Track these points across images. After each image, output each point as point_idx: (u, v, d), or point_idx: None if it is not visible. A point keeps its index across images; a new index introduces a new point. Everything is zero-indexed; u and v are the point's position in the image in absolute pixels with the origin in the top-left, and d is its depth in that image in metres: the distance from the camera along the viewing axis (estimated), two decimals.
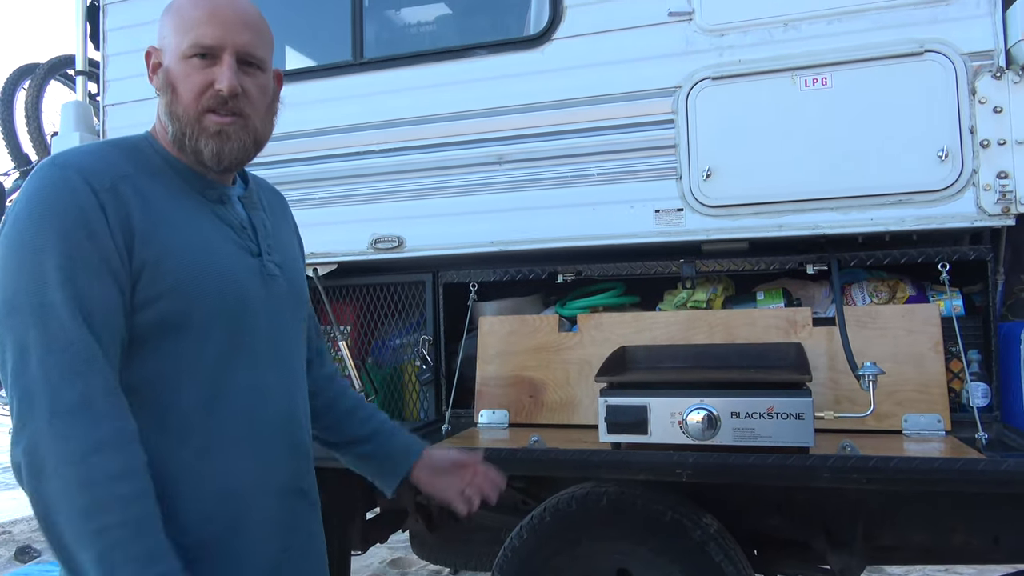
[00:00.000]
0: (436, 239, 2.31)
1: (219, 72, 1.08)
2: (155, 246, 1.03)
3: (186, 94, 1.09)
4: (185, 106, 1.09)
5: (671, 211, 2.10)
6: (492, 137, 2.25)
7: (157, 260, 1.03)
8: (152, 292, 1.02)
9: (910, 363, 1.93)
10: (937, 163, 1.89)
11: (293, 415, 1.20)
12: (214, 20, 1.09)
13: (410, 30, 2.71)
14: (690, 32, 2.08)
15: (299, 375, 1.25)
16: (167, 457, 1.03)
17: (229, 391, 1.09)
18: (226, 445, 1.08)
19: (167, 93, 1.11)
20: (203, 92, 1.09)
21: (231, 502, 1.09)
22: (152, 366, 1.04)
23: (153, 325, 1.03)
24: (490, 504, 1.43)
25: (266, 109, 1.17)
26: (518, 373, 2.26)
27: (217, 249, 1.11)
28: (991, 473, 1.57)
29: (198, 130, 1.10)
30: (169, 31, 1.12)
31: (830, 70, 1.97)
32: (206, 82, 1.09)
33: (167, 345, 1.04)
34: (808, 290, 2.21)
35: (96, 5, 2.75)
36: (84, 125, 2.71)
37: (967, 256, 1.96)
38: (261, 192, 1.30)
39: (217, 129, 1.10)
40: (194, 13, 1.09)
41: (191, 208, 1.12)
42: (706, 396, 1.72)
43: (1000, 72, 1.86)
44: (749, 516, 2.24)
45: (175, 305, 1.03)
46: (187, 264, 1.05)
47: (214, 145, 1.10)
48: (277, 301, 1.19)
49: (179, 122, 1.10)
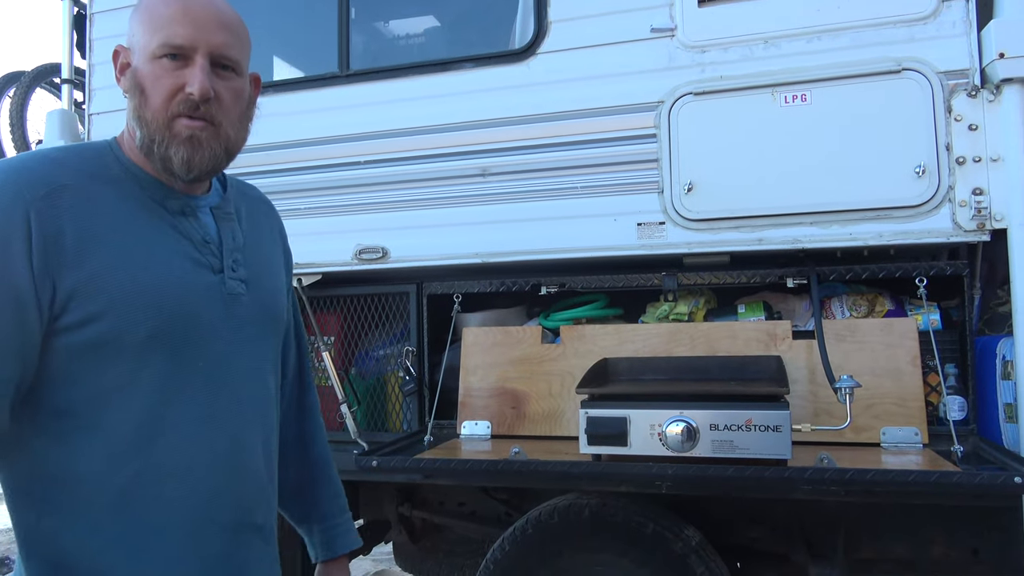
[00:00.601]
0: (420, 250, 2.32)
1: (190, 74, 1.02)
2: (89, 264, 0.97)
3: (155, 97, 1.02)
4: (154, 110, 1.02)
5: (653, 224, 2.12)
6: (477, 149, 2.27)
7: (90, 279, 0.97)
8: (84, 312, 0.96)
9: (888, 376, 1.95)
10: (914, 179, 1.92)
11: (247, 444, 1.11)
12: (186, 18, 1.02)
13: (396, 42, 2.74)
14: (672, 48, 2.11)
15: (262, 401, 1.16)
16: (102, 483, 0.98)
17: (170, 417, 1.02)
18: (163, 474, 1.01)
19: (135, 95, 1.03)
20: (173, 95, 1.02)
21: (168, 535, 1.01)
22: (89, 387, 0.98)
23: (88, 346, 0.97)
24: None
25: (240, 115, 1.10)
26: (501, 384, 2.26)
27: (165, 267, 1.04)
28: (966, 486, 1.59)
29: (168, 136, 1.03)
30: (138, 29, 1.05)
31: (809, 87, 2.00)
32: (176, 85, 1.02)
33: (103, 367, 0.98)
34: (788, 303, 2.23)
35: (83, 14, 2.76)
36: (69, 133, 2.70)
37: (944, 271, 1.98)
38: (242, 200, 1.21)
39: (188, 135, 1.03)
40: (165, 11, 1.02)
41: (143, 221, 1.04)
42: (685, 408, 1.73)
43: (975, 91, 1.90)
44: (731, 528, 2.25)
45: (109, 326, 0.97)
46: (123, 282, 0.99)
47: (184, 152, 1.03)
48: (238, 321, 1.10)
49: (147, 127, 1.03)
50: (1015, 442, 1.82)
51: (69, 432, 0.98)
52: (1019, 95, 1.85)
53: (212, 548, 1.06)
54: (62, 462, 0.99)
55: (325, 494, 1.34)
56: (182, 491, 1.03)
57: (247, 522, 1.11)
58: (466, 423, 2.26)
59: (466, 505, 2.63)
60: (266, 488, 1.16)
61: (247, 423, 1.11)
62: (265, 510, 1.15)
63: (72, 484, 0.99)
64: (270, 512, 1.18)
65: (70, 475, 0.98)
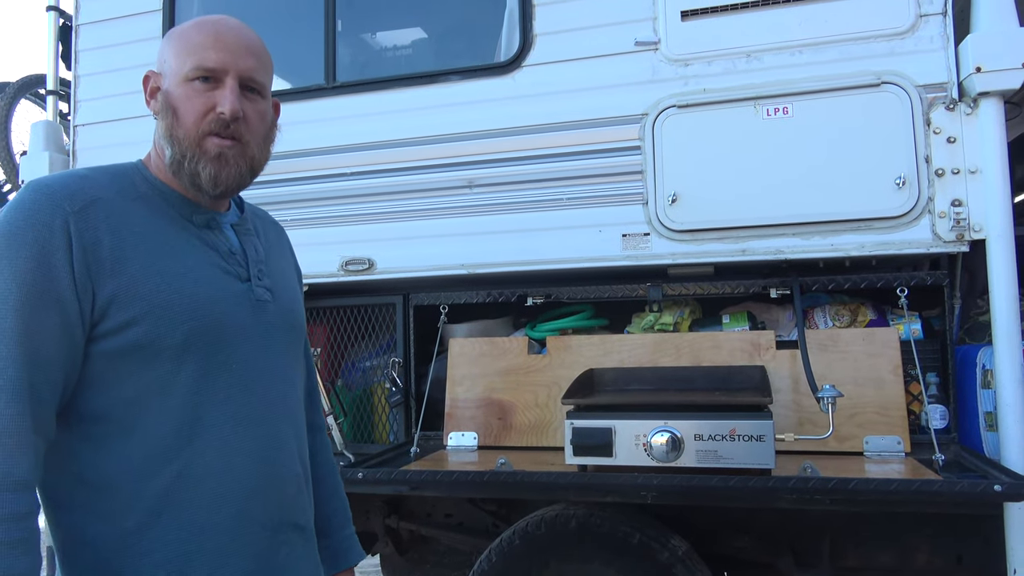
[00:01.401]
0: (407, 262, 2.32)
1: (221, 95, 1.09)
2: (127, 273, 1.02)
3: (187, 116, 1.09)
4: (186, 129, 1.09)
5: (638, 235, 2.13)
6: (463, 161, 2.28)
7: (128, 285, 1.01)
8: (123, 319, 1.01)
9: (870, 386, 1.97)
10: (895, 190, 1.95)
11: (282, 444, 1.15)
12: (218, 44, 1.09)
13: (383, 54, 2.75)
14: (656, 61, 2.13)
15: (292, 403, 1.20)
16: (141, 486, 1.01)
17: (207, 418, 1.06)
18: (203, 475, 1.04)
19: (167, 116, 1.10)
20: (204, 115, 1.09)
21: (211, 535, 1.04)
22: (127, 391, 1.02)
23: (126, 351, 1.01)
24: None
25: (264, 136, 1.17)
26: (487, 395, 2.27)
27: (196, 274, 1.09)
28: (947, 494, 1.60)
29: (198, 153, 1.09)
30: (170, 55, 1.12)
31: (791, 100, 2.03)
32: (208, 105, 1.08)
33: (141, 371, 1.02)
34: (772, 313, 2.25)
35: (68, 25, 2.75)
36: (54, 145, 2.69)
37: (925, 281, 2.01)
38: (257, 221, 1.28)
39: (217, 152, 1.09)
40: (197, 37, 1.10)
41: (172, 233, 1.10)
42: (670, 418, 1.74)
43: (953, 104, 1.93)
44: (716, 537, 2.26)
45: (147, 331, 1.01)
46: (160, 290, 1.03)
47: (212, 168, 1.09)
48: (266, 327, 1.15)
49: (179, 145, 1.09)
50: (995, 450, 1.84)
51: (105, 436, 1.01)
52: (996, 108, 1.88)
53: (255, 547, 1.08)
54: (99, 466, 1.02)
55: (332, 509, 1.37)
56: (222, 491, 1.06)
57: (288, 521, 1.14)
58: (453, 434, 2.26)
59: (453, 516, 2.63)
60: (303, 488, 1.20)
61: (279, 423, 1.15)
62: (305, 510, 1.20)
63: (110, 488, 1.01)
64: (309, 512, 1.21)
65: (107, 479, 1.01)
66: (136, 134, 1.16)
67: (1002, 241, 1.85)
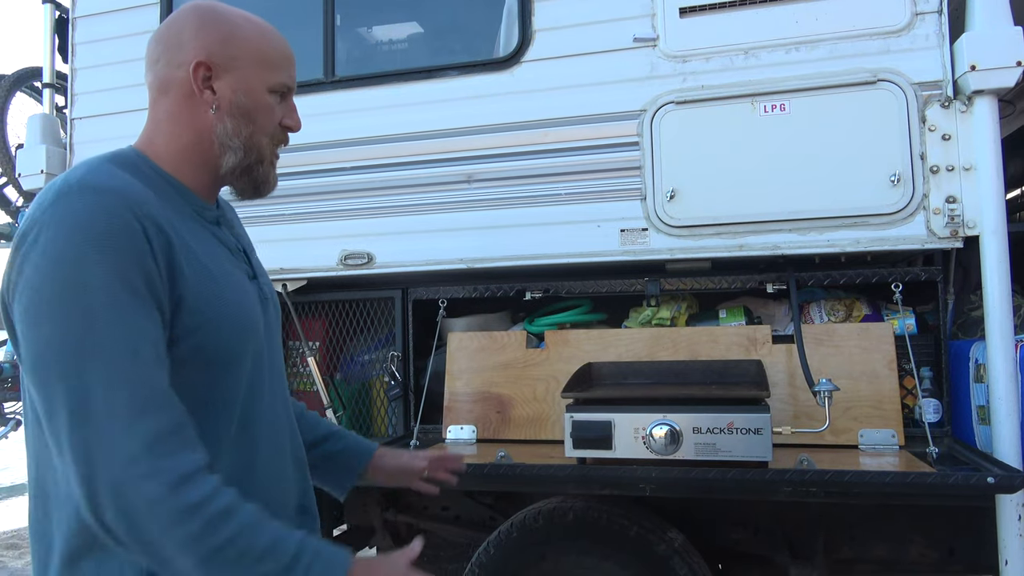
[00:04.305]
0: (405, 256, 2.33)
1: (290, 111, 1.16)
2: (190, 279, 1.00)
3: (267, 126, 1.13)
4: (265, 138, 1.13)
5: (636, 231, 2.15)
6: (462, 156, 2.29)
7: (193, 293, 1.00)
8: (190, 324, 0.99)
9: (865, 380, 2.00)
10: (890, 187, 1.97)
11: (293, 434, 1.22)
12: (292, 61, 1.17)
13: (382, 49, 2.75)
14: (654, 58, 2.15)
15: (287, 394, 1.26)
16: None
17: (253, 417, 1.09)
18: (251, 470, 1.08)
19: (244, 121, 1.11)
20: (276, 126, 1.15)
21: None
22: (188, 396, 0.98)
23: (190, 356, 0.99)
24: (452, 485, 1.46)
25: None
26: (486, 389, 2.28)
27: (233, 279, 1.10)
28: (940, 487, 1.63)
29: (268, 162, 1.15)
30: (247, 57, 1.11)
31: (788, 97, 2.04)
32: (279, 117, 1.15)
33: (204, 376, 1.02)
34: (768, 308, 2.27)
35: (65, 18, 2.74)
36: (50, 137, 2.69)
37: (919, 277, 2.03)
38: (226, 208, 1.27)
39: (276, 159, 1.18)
40: (276, 50, 1.14)
41: (201, 234, 1.09)
42: (669, 412, 1.75)
43: (948, 101, 1.95)
44: (713, 530, 2.28)
45: (210, 338, 1.01)
46: (217, 296, 1.03)
47: (274, 175, 1.18)
48: (270, 322, 1.18)
49: (255, 151, 1.13)
50: (988, 443, 1.87)
51: None
52: (990, 106, 1.91)
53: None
54: None
55: (324, 431, 1.40)
56: (264, 480, 1.11)
57: (304, 505, 1.21)
58: (451, 427, 2.28)
59: (451, 509, 2.64)
60: (307, 472, 1.26)
61: (288, 415, 1.22)
62: (311, 493, 1.26)
63: None
64: (312, 493, 1.27)
65: None
66: (133, 127, 1.14)
67: (995, 237, 1.87)
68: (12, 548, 5.26)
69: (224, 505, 0.91)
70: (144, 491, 0.87)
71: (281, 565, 0.91)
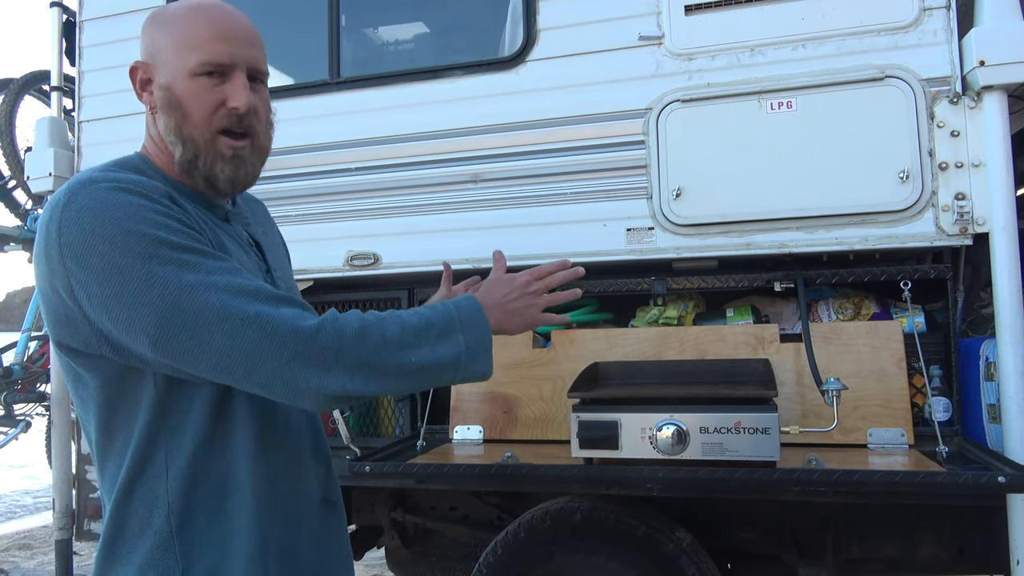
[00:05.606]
0: (411, 256, 2.33)
1: (231, 90, 1.05)
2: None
3: (197, 114, 1.04)
4: (199, 127, 1.05)
5: (642, 229, 2.14)
6: (467, 156, 2.28)
7: None
8: None
9: (874, 378, 1.98)
10: (898, 184, 1.95)
11: (317, 426, 1.23)
12: (225, 37, 1.05)
13: (387, 50, 2.75)
14: (660, 56, 2.14)
15: None
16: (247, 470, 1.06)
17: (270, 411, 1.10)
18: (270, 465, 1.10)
19: (173, 113, 1.05)
20: (215, 111, 1.05)
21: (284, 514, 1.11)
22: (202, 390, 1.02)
23: None
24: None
25: (268, 123, 1.16)
26: (492, 389, 2.28)
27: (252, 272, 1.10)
28: (950, 486, 1.61)
29: (212, 154, 1.06)
30: (167, 45, 1.06)
31: (795, 94, 2.03)
32: (218, 101, 1.05)
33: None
34: (776, 307, 2.25)
35: (72, 21, 2.76)
36: (59, 141, 2.70)
37: (928, 274, 2.01)
38: (245, 203, 1.27)
39: (231, 153, 1.07)
40: (199, 29, 1.05)
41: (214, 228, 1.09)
42: (676, 411, 1.74)
43: (957, 98, 1.93)
44: (721, 530, 2.27)
45: None
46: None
47: (230, 170, 1.08)
48: None
49: (192, 145, 1.06)
50: (999, 442, 1.85)
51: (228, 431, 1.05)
52: (999, 102, 1.89)
53: (311, 522, 1.17)
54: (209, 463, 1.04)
55: None
56: (292, 473, 1.13)
57: (329, 498, 1.23)
58: (458, 428, 2.27)
59: (458, 509, 2.64)
60: (331, 465, 1.27)
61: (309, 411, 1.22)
62: (337, 487, 1.27)
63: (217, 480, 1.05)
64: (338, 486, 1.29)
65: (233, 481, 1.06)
66: (141, 130, 1.14)
67: (1005, 234, 1.85)
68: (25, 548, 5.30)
69: (404, 318, 1.05)
70: (338, 334, 0.99)
71: (448, 325, 1.07)
